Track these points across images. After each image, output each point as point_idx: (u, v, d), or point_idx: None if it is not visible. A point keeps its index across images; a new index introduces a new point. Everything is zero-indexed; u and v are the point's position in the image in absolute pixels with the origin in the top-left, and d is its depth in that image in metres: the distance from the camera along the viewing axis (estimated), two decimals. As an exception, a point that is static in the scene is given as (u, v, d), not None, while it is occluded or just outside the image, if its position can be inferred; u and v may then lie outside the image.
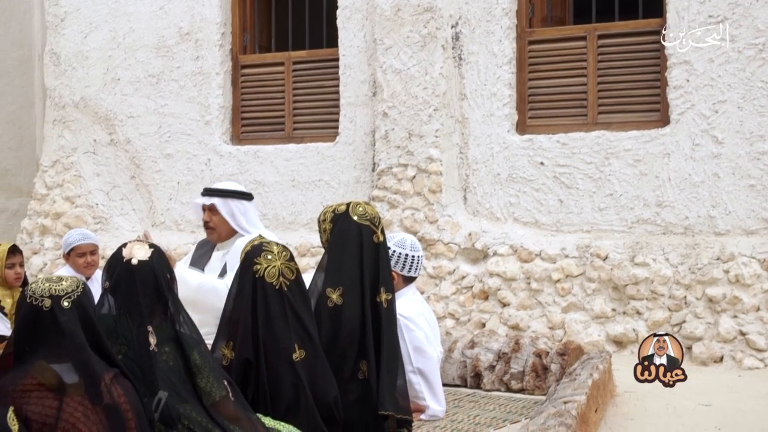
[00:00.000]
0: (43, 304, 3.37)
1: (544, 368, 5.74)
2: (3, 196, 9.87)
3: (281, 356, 4.40)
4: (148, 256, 3.92)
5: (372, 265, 4.77)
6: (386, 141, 7.55)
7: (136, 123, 8.66)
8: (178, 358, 3.88)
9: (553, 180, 7.18)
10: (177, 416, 3.73)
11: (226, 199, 5.63)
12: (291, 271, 4.52)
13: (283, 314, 4.43)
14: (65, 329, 3.35)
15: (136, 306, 3.84)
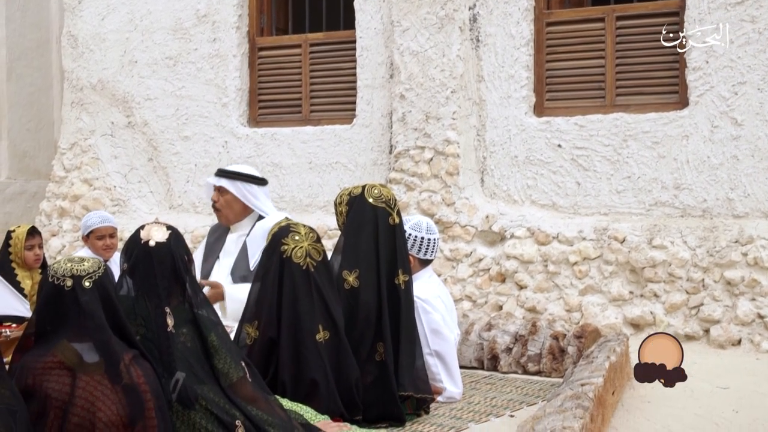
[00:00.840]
0: (65, 284, 3.40)
1: (561, 351, 5.74)
2: (22, 178, 9.91)
3: (305, 337, 4.43)
4: (165, 237, 3.95)
5: (388, 248, 4.78)
6: (403, 123, 7.54)
7: (153, 105, 8.68)
8: (195, 340, 3.90)
9: (570, 162, 7.16)
10: (195, 397, 3.76)
11: (234, 182, 5.64)
12: (318, 252, 4.54)
13: (308, 295, 4.45)
14: (86, 309, 3.38)
15: (153, 287, 3.86)
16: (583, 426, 3.66)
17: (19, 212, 9.71)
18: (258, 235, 5.50)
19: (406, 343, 4.74)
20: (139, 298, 3.86)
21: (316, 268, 4.51)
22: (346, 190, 5.02)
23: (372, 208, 4.82)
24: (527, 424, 3.82)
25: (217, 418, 3.79)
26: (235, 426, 3.81)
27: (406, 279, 4.78)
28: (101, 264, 3.54)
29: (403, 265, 4.80)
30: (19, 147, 9.90)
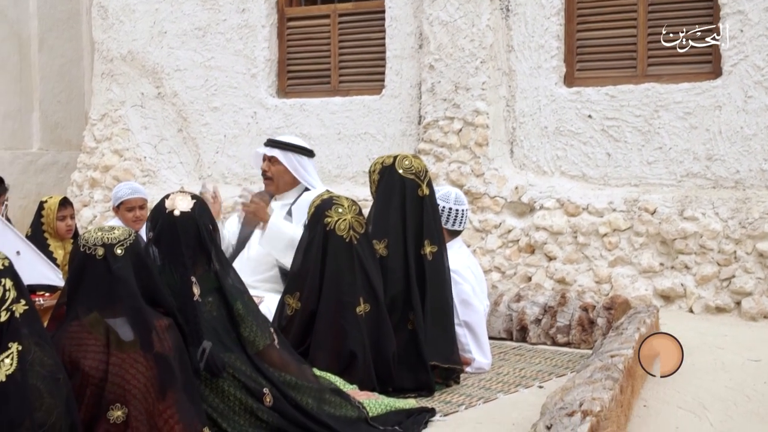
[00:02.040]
0: (96, 253, 3.40)
1: (590, 322, 5.72)
2: (53, 149, 9.99)
3: (346, 310, 4.45)
4: (190, 207, 3.95)
5: (415, 219, 4.80)
6: (432, 94, 7.51)
7: (182, 76, 8.70)
8: (221, 308, 3.92)
9: (601, 133, 7.11)
10: (222, 365, 3.79)
11: (287, 152, 5.68)
12: (360, 224, 4.56)
13: (351, 268, 4.48)
14: (118, 277, 3.39)
15: (179, 257, 3.88)
16: (612, 397, 3.66)
17: (51, 183, 9.79)
18: (304, 206, 5.53)
19: (435, 314, 4.76)
20: (164, 268, 3.87)
21: (359, 241, 4.52)
22: (380, 159, 5.05)
23: (401, 178, 4.84)
24: (556, 395, 3.82)
25: (244, 386, 3.82)
26: (263, 394, 3.84)
27: (434, 250, 4.79)
28: (131, 232, 3.53)
29: (431, 235, 4.81)
30: (51, 118, 9.96)
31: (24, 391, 2.92)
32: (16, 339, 2.93)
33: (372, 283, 4.52)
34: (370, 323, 4.49)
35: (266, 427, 3.82)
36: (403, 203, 4.81)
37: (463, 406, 4.48)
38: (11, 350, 2.92)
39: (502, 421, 4.22)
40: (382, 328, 4.53)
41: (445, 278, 4.85)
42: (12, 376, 2.89)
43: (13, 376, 2.89)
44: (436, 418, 4.25)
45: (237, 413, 3.80)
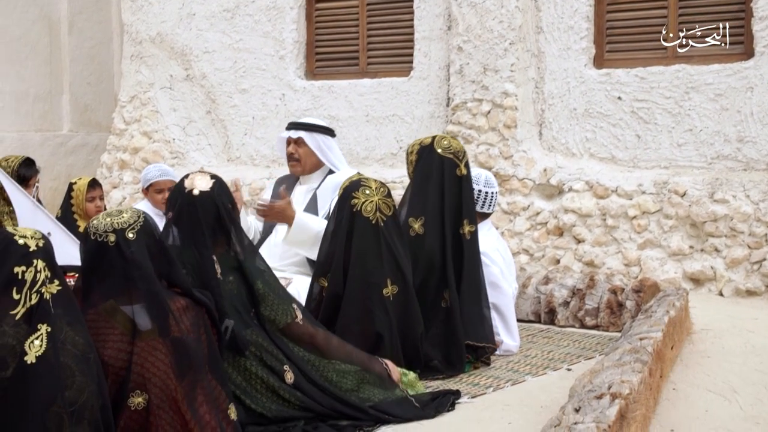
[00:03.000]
0: (108, 240, 3.37)
1: (619, 305, 5.70)
2: (83, 131, 10.04)
3: (372, 291, 4.46)
4: (209, 186, 3.96)
5: (454, 198, 4.84)
6: (461, 75, 7.48)
7: (211, 58, 8.71)
8: (241, 287, 3.94)
9: (630, 115, 7.06)
10: (245, 343, 3.82)
11: (312, 133, 5.71)
12: (388, 206, 4.56)
13: (377, 249, 4.49)
14: (133, 261, 3.37)
15: (199, 236, 3.89)
16: (641, 380, 3.65)
17: (81, 165, 9.85)
18: (329, 188, 5.54)
19: (470, 293, 4.78)
20: (185, 247, 3.88)
21: (386, 223, 4.53)
22: (418, 140, 5.11)
23: (440, 158, 4.89)
24: (585, 378, 3.81)
25: (266, 364, 3.84)
26: (284, 371, 3.86)
27: (471, 229, 4.84)
28: (140, 213, 3.48)
29: (469, 215, 4.86)
30: (81, 100, 10.02)
31: (54, 371, 2.96)
32: (45, 320, 2.97)
33: (400, 265, 4.53)
34: (397, 305, 4.51)
35: (288, 405, 3.84)
36: (441, 182, 4.85)
37: (491, 388, 4.48)
38: (41, 332, 2.95)
39: (530, 403, 4.22)
40: (410, 310, 4.55)
41: (480, 258, 4.88)
42: (42, 357, 2.93)
43: (43, 357, 2.93)
44: (464, 400, 4.26)
45: (259, 391, 3.84)
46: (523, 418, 4.00)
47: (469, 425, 3.93)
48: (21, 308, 2.95)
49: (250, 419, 3.77)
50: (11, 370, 2.91)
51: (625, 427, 3.24)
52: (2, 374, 2.90)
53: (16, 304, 2.95)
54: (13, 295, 2.96)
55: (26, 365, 2.91)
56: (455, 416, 4.07)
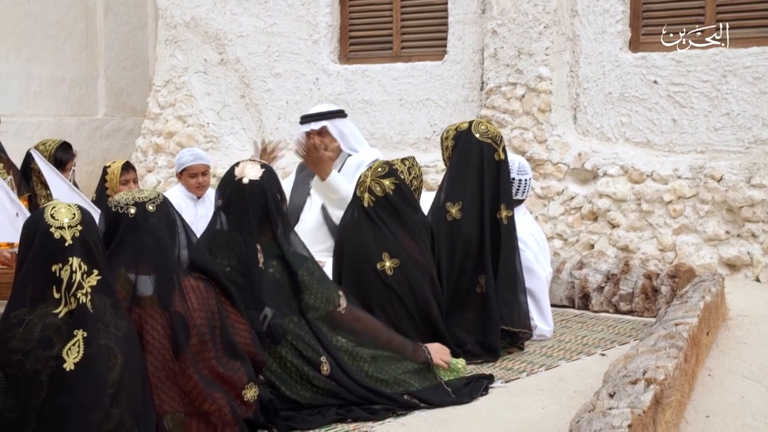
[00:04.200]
0: (128, 212, 3.42)
1: (654, 290, 5.66)
2: (118, 115, 10.11)
3: (364, 265, 4.49)
4: (259, 175, 4.02)
5: (492, 183, 4.83)
6: (495, 59, 7.44)
7: (245, 42, 8.73)
8: (284, 275, 3.97)
9: (666, 99, 6.99)
10: (282, 332, 3.85)
11: (332, 120, 5.67)
12: (381, 188, 4.56)
13: (367, 227, 4.52)
14: (151, 232, 3.41)
15: (246, 224, 3.96)
16: (676, 366, 3.62)
17: (116, 149, 9.92)
18: (351, 170, 5.54)
19: (507, 278, 4.77)
20: (232, 234, 3.96)
21: (375, 203, 4.54)
22: (453, 125, 5.10)
23: (478, 143, 4.88)
24: (619, 363, 3.79)
25: (301, 355, 3.87)
26: (320, 362, 3.89)
27: (509, 214, 4.84)
28: (159, 192, 3.56)
29: (507, 200, 4.85)
30: (116, 84, 10.08)
31: (94, 377, 2.99)
32: (81, 326, 3.00)
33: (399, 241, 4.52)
34: (400, 278, 4.50)
35: (322, 393, 3.87)
36: (480, 167, 4.84)
37: (525, 373, 4.47)
38: (77, 338, 2.99)
39: (564, 388, 4.21)
40: (416, 283, 4.53)
41: (517, 243, 4.87)
42: (80, 364, 2.96)
43: (81, 364, 2.96)
44: (497, 385, 4.26)
45: (294, 379, 3.87)
46: (557, 403, 3.99)
47: (502, 410, 3.93)
48: (63, 308, 3.00)
49: (283, 405, 3.80)
50: (55, 354, 2.94)
51: (660, 412, 3.22)
52: (48, 353, 2.94)
53: (58, 303, 2.99)
54: (54, 293, 3.00)
55: (65, 372, 2.95)
56: (488, 401, 4.07)
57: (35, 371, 2.93)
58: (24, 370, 2.93)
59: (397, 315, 4.45)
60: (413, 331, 4.45)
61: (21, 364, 2.93)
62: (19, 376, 2.93)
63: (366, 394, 3.91)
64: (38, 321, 2.96)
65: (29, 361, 2.93)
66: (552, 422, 3.71)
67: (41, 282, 3.00)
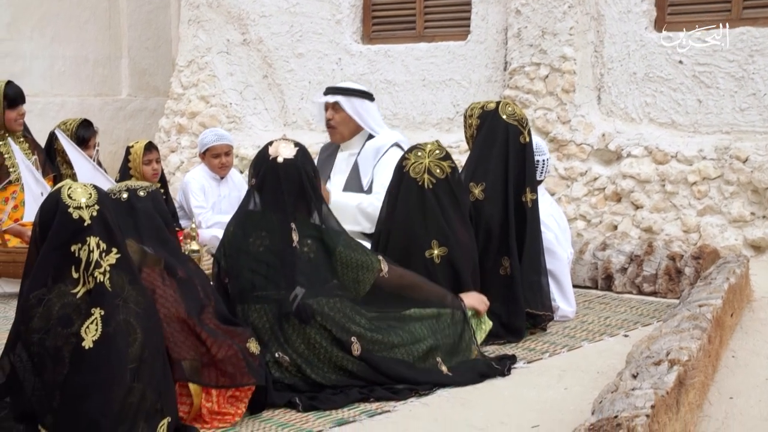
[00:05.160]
0: (121, 196, 3.59)
1: (677, 272, 5.64)
2: (141, 95, 10.14)
3: (412, 252, 4.47)
4: (293, 154, 4.04)
5: (517, 165, 4.80)
6: (519, 39, 7.40)
7: (268, 22, 8.72)
8: (320, 254, 3.98)
9: (692, 79, 6.93)
10: (311, 313, 3.85)
11: (349, 98, 5.63)
12: (441, 169, 4.53)
13: (421, 211, 4.47)
14: (144, 212, 3.57)
15: (280, 203, 3.96)
16: (700, 347, 3.61)
17: (140, 129, 9.96)
18: (370, 154, 5.52)
19: (532, 261, 4.75)
20: (265, 213, 3.97)
21: (435, 185, 4.50)
22: (479, 103, 5.04)
23: (504, 124, 4.84)
24: (642, 344, 3.78)
25: (332, 336, 3.87)
26: (351, 342, 3.89)
27: (533, 197, 4.81)
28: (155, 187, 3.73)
29: (531, 183, 4.83)
30: (139, 65, 10.11)
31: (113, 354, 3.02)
32: (98, 304, 3.03)
33: (450, 228, 4.50)
34: (447, 266, 4.49)
35: (351, 376, 3.87)
36: (505, 149, 4.81)
37: (547, 353, 4.47)
38: (94, 316, 3.01)
39: (586, 369, 4.20)
40: (461, 272, 4.52)
41: (540, 226, 4.85)
42: (98, 342, 2.99)
43: (100, 342, 2.99)
44: (520, 365, 4.25)
45: (321, 360, 3.87)
46: (579, 383, 3.99)
47: (524, 390, 3.93)
48: (81, 288, 3.03)
49: (307, 387, 3.81)
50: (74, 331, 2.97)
51: (683, 393, 3.21)
52: (68, 330, 2.97)
53: (76, 283, 3.02)
54: (73, 273, 3.02)
55: (83, 350, 2.97)
56: (511, 381, 4.07)
57: (56, 348, 2.96)
58: (45, 348, 2.96)
59: None
60: None
61: (42, 342, 2.97)
62: (42, 354, 2.96)
63: (398, 373, 3.91)
64: (57, 300, 3.00)
65: (50, 338, 2.97)
66: (574, 403, 3.71)
67: (60, 262, 3.04)
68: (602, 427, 2.71)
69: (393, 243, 4.52)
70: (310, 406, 3.69)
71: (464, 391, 3.94)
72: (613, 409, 2.89)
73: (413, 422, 3.58)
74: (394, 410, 3.71)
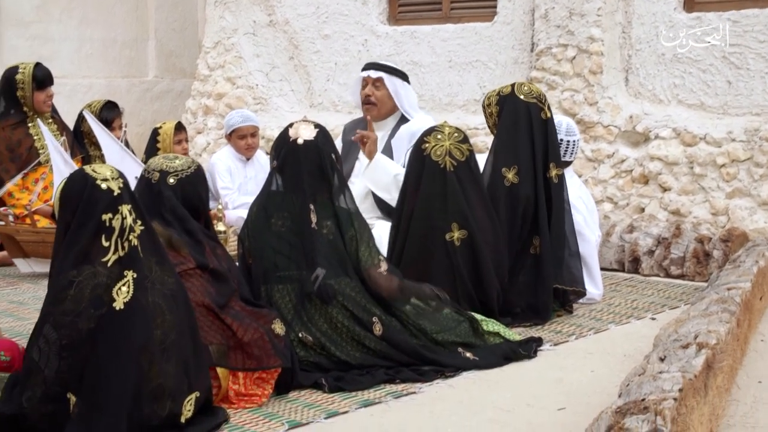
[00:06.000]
0: (152, 177, 3.63)
1: (705, 254, 5.61)
2: (168, 77, 10.17)
3: (434, 234, 4.47)
4: (313, 136, 4.06)
5: (541, 142, 4.79)
6: (546, 20, 7.35)
7: (294, 3, 8.70)
8: (338, 235, 4.00)
9: (721, 60, 6.85)
10: (333, 293, 3.87)
11: (391, 76, 5.67)
12: (461, 152, 4.53)
13: (443, 193, 4.47)
14: (167, 203, 3.58)
15: (300, 184, 3.99)
16: (729, 331, 3.59)
17: (166, 110, 9.99)
18: (404, 138, 5.53)
19: (559, 237, 4.75)
20: (287, 194, 4.00)
21: (456, 168, 4.50)
22: (494, 91, 5.04)
23: (524, 104, 4.84)
24: (670, 327, 3.77)
25: (353, 315, 3.89)
26: (372, 323, 3.91)
27: (559, 173, 4.80)
28: (192, 164, 3.69)
29: (555, 158, 4.82)
30: (166, 46, 10.13)
31: (142, 316, 3.04)
32: (131, 267, 3.05)
33: (470, 211, 4.49)
34: (465, 249, 4.48)
35: (374, 354, 3.89)
36: (529, 128, 4.80)
37: (574, 336, 4.46)
38: (127, 278, 3.04)
39: (613, 351, 4.19)
40: (480, 256, 4.51)
41: (567, 201, 4.84)
42: (129, 303, 3.02)
43: (130, 303, 3.02)
44: (546, 348, 4.25)
45: (345, 340, 3.89)
46: (606, 366, 3.98)
47: (551, 372, 3.93)
48: (112, 255, 3.04)
49: (332, 365, 3.83)
50: (106, 309, 3.00)
51: (711, 377, 3.20)
52: (98, 312, 2.99)
53: (107, 252, 3.04)
54: (103, 242, 3.03)
55: (114, 311, 2.99)
56: (537, 363, 4.07)
57: (89, 330, 2.98)
58: (78, 330, 2.98)
59: (456, 288, 4.44)
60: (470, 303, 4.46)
61: (74, 325, 2.98)
62: (74, 336, 2.98)
63: (420, 352, 3.93)
64: (88, 281, 3.01)
65: (82, 321, 2.98)
66: (601, 385, 3.70)
67: (90, 237, 3.04)
68: (629, 410, 2.70)
69: (414, 226, 4.52)
70: (336, 387, 3.71)
71: (490, 373, 3.94)
72: (641, 392, 2.88)
73: (439, 404, 3.59)
74: (420, 392, 3.72)
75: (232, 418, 3.39)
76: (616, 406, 2.77)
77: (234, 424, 3.35)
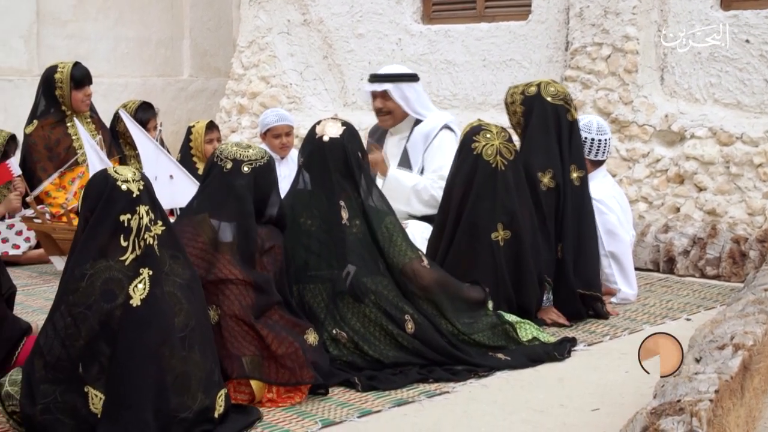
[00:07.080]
0: (225, 165, 3.60)
1: (742, 255, 5.56)
2: (202, 76, 10.22)
3: (480, 234, 4.46)
4: (339, 133, 4.05)
5: (567, 145, 4.76)
6: (581, 19, 7.31)
7: (328, 2, 8.72)
8: (368, 233, 4.00)
9: (759, 59, 6.79)
10: (365, 291, 3.87)
11: (397, 84, 5.60)
12: (509, 151, 4.53)
13: (492, 193, 4.47)
14: (238, 193, 3.56)
15: (327, 182, 3.99)
16: (765, 332, 3.56)
17: (201, 109, 10.04)
18: (419, 140, 5.52)
19: (583, 241, 4.72)
20: (314, 192, 4.00)
21: (507, 167, 4.50)
22: (517, 88, 4.99)
23: (552, 107, 4.81)
24: (705, 328, 3.74)
25: (386, 313, 3.89)
26: (404, 320, 3.91)
27: (581, 175, 4.76)
28: (266, 155, 3.68)
29: (577, 160, 4.78)
30: (200, 45, 10.19)
31: (160, 310, 3.06)
32: (147, 265, 3.08)
33: (515, 211, 4.49)
34: (508, 250, 4.47)
35: (407, 352, 3.89)
36: (558, 132, 4.78)
37: (608, 336, 4.44)
38: (143, 275, 3.07)
39: (647, 352, 4.16)
40: (522, 257, 4.50)
41: (589, 203, 4.80)
42: (146, 300, 3.05)
43: (147, 300, 3.05)
44: (580, 348, 4.24)
45: (377, 338, 3.90)
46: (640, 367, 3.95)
47: (585, 372, 3.91)
48: (129, 255, 3.08)
49: (366, 364, 3.83)
50: (120, 303, 3.02)
51: (748, 378, 3.17)
52: (110, 305, 3.02)
53: (125, 251, 3.08)
54: (121, 242, 3.07)
55: (131, 308, 3.03)
56: (572, 363, 4.06)
57: (101, 323, 3.01)
58: (88, 322, 3.02)
59: (497, 288, 4.43)
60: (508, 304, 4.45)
61: (84, 316, 3.02)
62: (80, 327, 3.01)
63: (451, 352, 3.93)
64: (100, 275, 3.05)
65: (92, 313, 3.02)
66: (635, 386, 3.68)
67: (108, 235, 3.09)
68: (664, 411, 2.69)
69: (463, 226, 4.50)
70: (369, 386, 3.71)
71: (524, 373, 3.93)
72: (676, 393, 2.86)
73: (473, 404, 3.59)
74: (453, 391, 3.72)
75: (266, 416, 3.41)
76: (651, 407, 2.75)
77: (267, 422, 3.37)
